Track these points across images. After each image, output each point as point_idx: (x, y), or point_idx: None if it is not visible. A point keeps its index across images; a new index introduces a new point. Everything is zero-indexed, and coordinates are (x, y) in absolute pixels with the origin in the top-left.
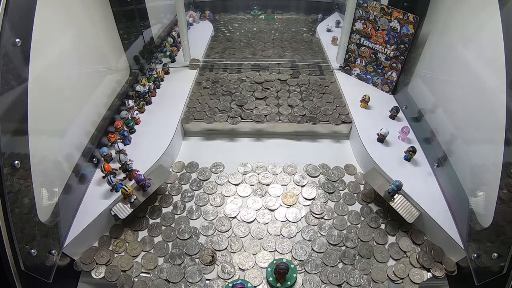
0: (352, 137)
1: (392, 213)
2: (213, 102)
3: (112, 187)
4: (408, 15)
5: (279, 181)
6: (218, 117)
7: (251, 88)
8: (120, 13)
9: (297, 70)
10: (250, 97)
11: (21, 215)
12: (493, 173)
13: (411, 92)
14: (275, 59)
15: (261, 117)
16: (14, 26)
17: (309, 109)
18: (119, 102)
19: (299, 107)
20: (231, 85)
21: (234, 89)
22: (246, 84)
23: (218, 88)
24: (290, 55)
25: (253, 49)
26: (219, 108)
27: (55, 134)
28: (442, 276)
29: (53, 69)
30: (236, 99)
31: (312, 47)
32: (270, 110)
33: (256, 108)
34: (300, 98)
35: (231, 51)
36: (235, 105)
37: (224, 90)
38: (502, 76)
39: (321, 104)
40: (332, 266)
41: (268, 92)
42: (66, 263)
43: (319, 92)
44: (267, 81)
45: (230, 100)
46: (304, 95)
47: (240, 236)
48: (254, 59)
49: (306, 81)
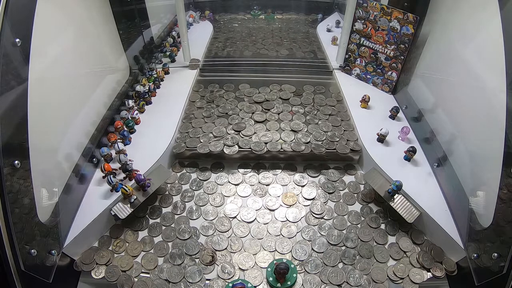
0: (365, 166)
1: (392, 213)
2: (208, 126)
3: (112, 187)
4: (408, 15)
5: (279, 181)
6: (212, 145)
7: (250, 110)
8: (120, 13)
9: (300, 87)
10: (249, 120)
11: (21, 215)
12: (493, 173)
13: (411, 92)
14: (275, 59)
15: (261, 145)
16: (14, 26)
17: (314, 134)
18: (119, 102)
19: (302, 133)
20: (228, 105)
21: (231, 110)
22: (244, 104)
23: (213, 109)
24: (290, 55)
25: (253, 49)
26: (214, 134)
27: (55, 134)
28: (442, 276)
29: (53, 69)
30: (233, 123)
31: (312, 47)
32: (271, 136)
33: (255, 134)
34: (304, 121)
35: (231, 51)
36: (231, 130)
37: (220, 111)
38: (502, 76)
39: (327, 129)
40: (332, 266)
41: (269, 114)
42: (66, 263)
43: (324, 114)
44: (268, 101)
45: (226, 123)
46: (309, 117)
47: (240, 236)
48: (254, 59)
49: (310, 100)
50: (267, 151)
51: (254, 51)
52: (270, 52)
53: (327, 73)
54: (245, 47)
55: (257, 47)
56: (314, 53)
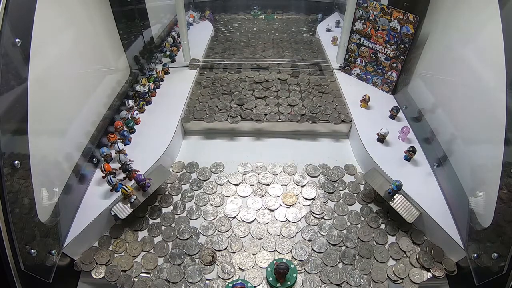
0: (351, 136)
1: (392, 213)
2: (213, 101)
3: (112, 187)
4: (408, 15)
5: (279, 181)
6: (218, 116)
7: (251, 88)
8: (120, 13)
9: (297, 70)
10: (250, 97)
11: (21, 215)
12: (493, 173)
13: (411, 92)
14: (275, 59)
15: (261, 116)
16: (14, 26)
17: (309, 108)
18: (119, 102)
19: (299, 107)
20: (231, 84)
21: (234, 88)
22: (246, 83)
23: (218, 88)
24: (290, 55)
25: (253, 49)
26: (219, 108)
27: (55, 134)
28: (442, 276)
29: (53, 69)
30: (236, 99)
31: (312, 47)
32: (270, 109)
33: (256, 107)
34: (300, 97)
35: (231, 51)
36: (235, 104)
37: (224, 89)
38: (502, 76)
39: (321, 104)
40: (332, 266)
41: (268, 91)
42: (66, 263)
43: (318, 92)
44: (267, 81)
45: (230, 99)
46: (304, 94)
47: (240, 236)
48: (254, 59)
49: (306, 81)
50: (266, 121)
51: (254, 51)
52: (270, 52)
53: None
54: (245, 47)
55: (257, 47)
56: (314, 53)
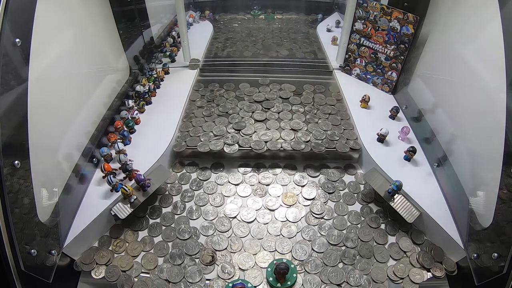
0: (364, 165)
1: (392, 213)
2: (208, 125)
3: (112, 187)
4: (408, 15)
5: (279, 181)
6: (213, 144)
7: (250, 109)
8: (120, 13)
9: (300, 87)
10: (249, 119)
11: (21, 215)
12: (493, 173)
13: (411, 92)
14: (275, 59)
15: (261, 144)
16: (14, 26)
17: (313, 133)
18: (119, 102)
19: (302, 132)
20: (228, 104)
21: (231, 109)
22: (244, 103)
23: (213, 109)
24: (290, 55)
25: (253, 49)
26: (214, 133)
27: (55, 134)
28: (442, 276)
29: (53, 69)
30: (234, 122)
31: (312, 47)
32: (271, 135)
33: (255, 132)
34: (304, 120)
35: (231, 51)
36: (232, 129)
37: (221, 110)
38: (502, 76)
39: (327, 127)
40: (332, 266)
41: (269, 113)
42: (66, 263)
43: (324, 113)
44: (268, 100)
45: (226, 122)
46: (309, 116)
47: (240, 236)
48: (254, 59)
49: (310, 99)
50: (267, 150)
51: (254, 51)
52: (270, 52)
53: (327, 73)
54: (245, 47)
55: (257, 47)
56: (314, 53)
